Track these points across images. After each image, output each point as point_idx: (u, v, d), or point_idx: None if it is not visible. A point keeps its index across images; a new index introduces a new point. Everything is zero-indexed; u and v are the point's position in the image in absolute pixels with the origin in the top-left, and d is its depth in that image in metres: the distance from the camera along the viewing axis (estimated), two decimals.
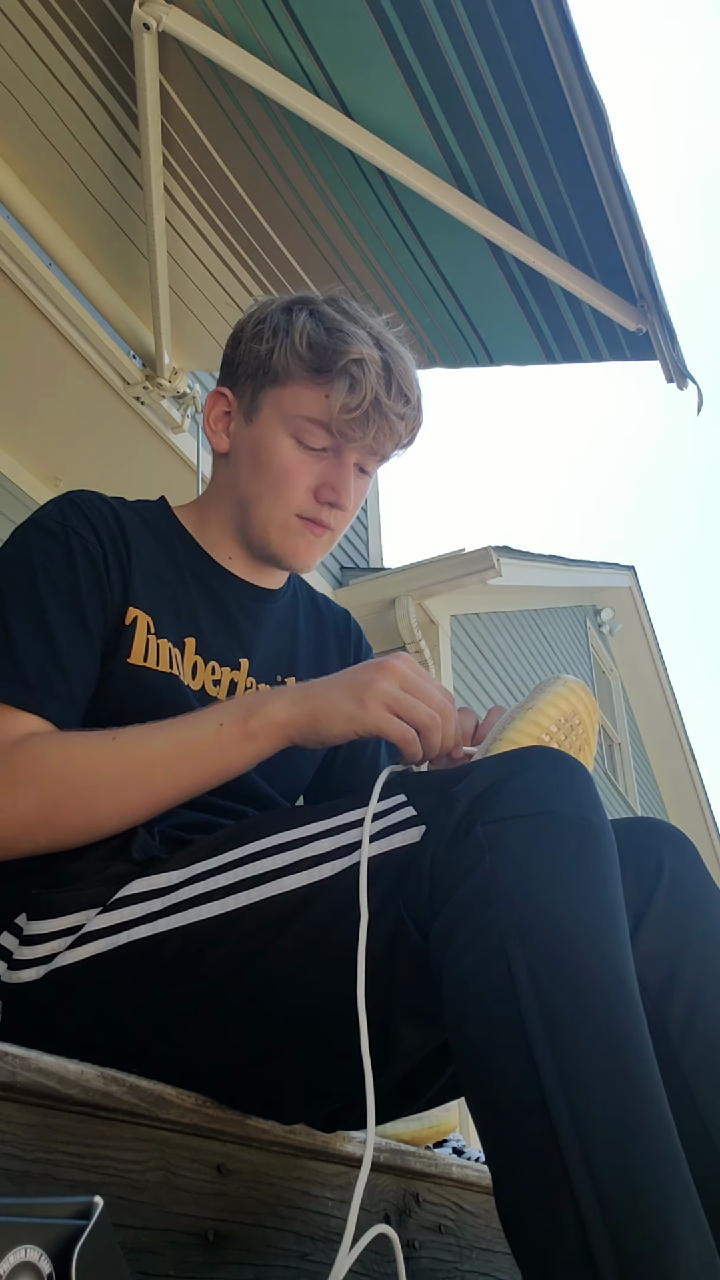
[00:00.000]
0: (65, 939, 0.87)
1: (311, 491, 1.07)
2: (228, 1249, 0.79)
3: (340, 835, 0.83)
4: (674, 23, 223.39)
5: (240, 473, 1.11)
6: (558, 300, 2.00)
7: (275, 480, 1.07)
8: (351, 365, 1.03)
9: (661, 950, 0.86)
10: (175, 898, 0.85)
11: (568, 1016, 0.66)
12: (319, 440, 1.06)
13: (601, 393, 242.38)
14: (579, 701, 1.00)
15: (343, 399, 1.03)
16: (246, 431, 1.10)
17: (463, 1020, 0.71)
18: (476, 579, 4.73)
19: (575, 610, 8.39)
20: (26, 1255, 0.44)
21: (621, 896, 0.75)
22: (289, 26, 1.68)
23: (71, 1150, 0.68)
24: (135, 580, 1.04)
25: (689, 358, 1.83)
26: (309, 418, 1.05)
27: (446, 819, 0.77)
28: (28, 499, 3.51)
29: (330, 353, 1.03)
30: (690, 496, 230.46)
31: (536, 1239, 0.63)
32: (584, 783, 0.78)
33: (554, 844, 0.73)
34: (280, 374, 1.07)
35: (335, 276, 2.17)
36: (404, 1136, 1.45)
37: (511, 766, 0.79)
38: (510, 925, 0.70)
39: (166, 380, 2.66)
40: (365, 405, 1.03)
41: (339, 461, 1.07)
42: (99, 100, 2.02)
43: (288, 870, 0.82)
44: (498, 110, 1.66)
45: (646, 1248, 0.59)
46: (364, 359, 1.03)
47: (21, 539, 1.02)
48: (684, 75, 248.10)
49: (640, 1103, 0.64)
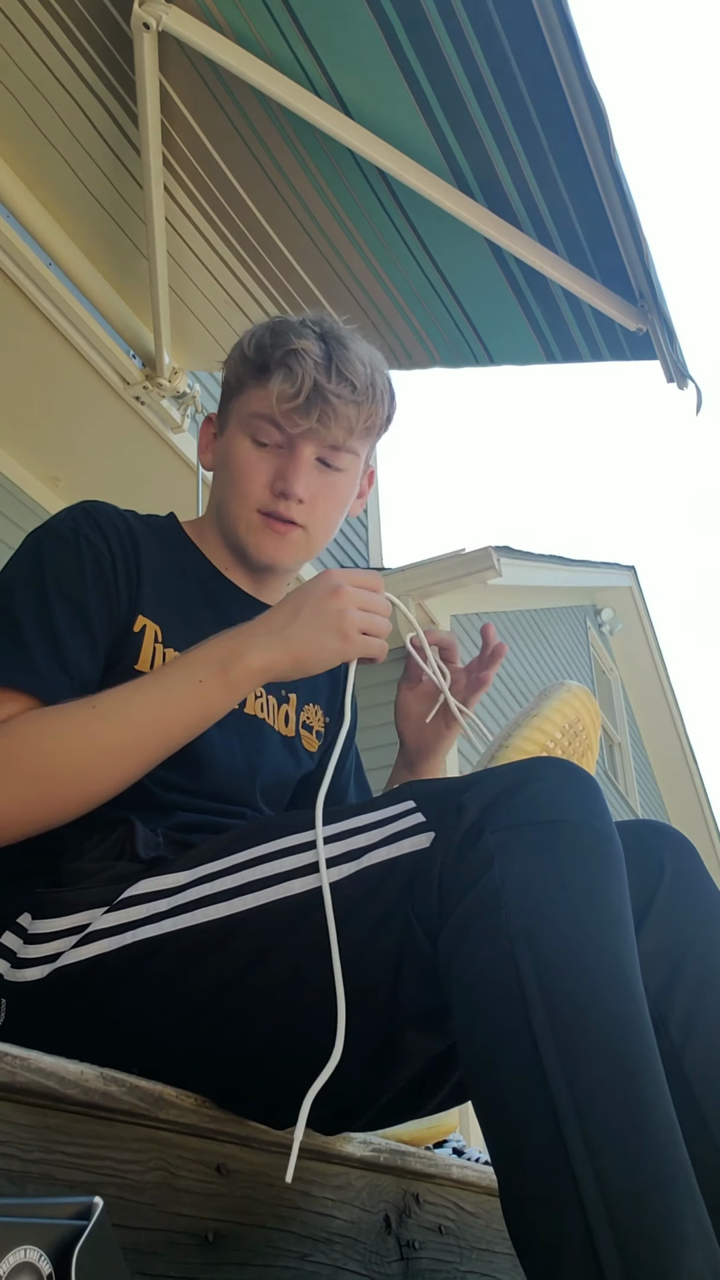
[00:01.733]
0: (71, 938, 0.87)
1: (267, 486, 1.11)
2: (227, 1249, 0.79)
3: (348, 840, 0.83)
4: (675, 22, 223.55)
5: (217, 482, 1.17)
6: (558, 300, 1.99)
7: (236, 479, 1.12)
8: (288, 357, 1.07)
9: (663, 950, 0.87)
10: (182, 898, 0.85)
11: (575, 1022, 0.66)
12: (271, 436, 1.10)
13: (601, 393, 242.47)
14: (583, 708, 1.01)
15: (279, 387, 1.07)
16: (220, 444, 1.17)
17: (470, 1025, 0.71)
18: (476, 579, 4.73)
19: (575, 610, 8.39)
20: (26, 1255, 0.44)
21: (629, 903, 0.75)
22: (289, 26, 1.68)
23: (71, 1150, 0.68)
24: (145, 589, 1.06)
25: (689, 358, 1.83)
26: (259, 414, 1.10)
27: (456, 826, 0.78)
28: (27, 499, 3.51)
29: (270, 349, 1.08)
30: (690, 496, 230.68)
31: (543, 1243, 0.63)
32: (593, 792, 0.79)
33: (563, 851, 0.74)
34: (235, 383, 1.14)
35: (335, 276, 2.17)
36: (404, 1137, 1.45)
37: (521, 775, 0.79)
38: (518, 931, 0.70)
39: (166, 380, 2.66)
40: (304, 392, 1.06)
41: (291, 453, 1.11)
42: (99, 100, 2.02)
43: (295, 874, 0.82)
44: (498, 110, 1.66)
45: (653, 1251, 0.60)
46: (300, 349, 1.07)
47: (35, 543, 1.04)
48: (684, 75, 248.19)
49: (646, 1108, 0.64)
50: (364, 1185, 1.00)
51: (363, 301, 2.21)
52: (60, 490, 3.57)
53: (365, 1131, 1.02)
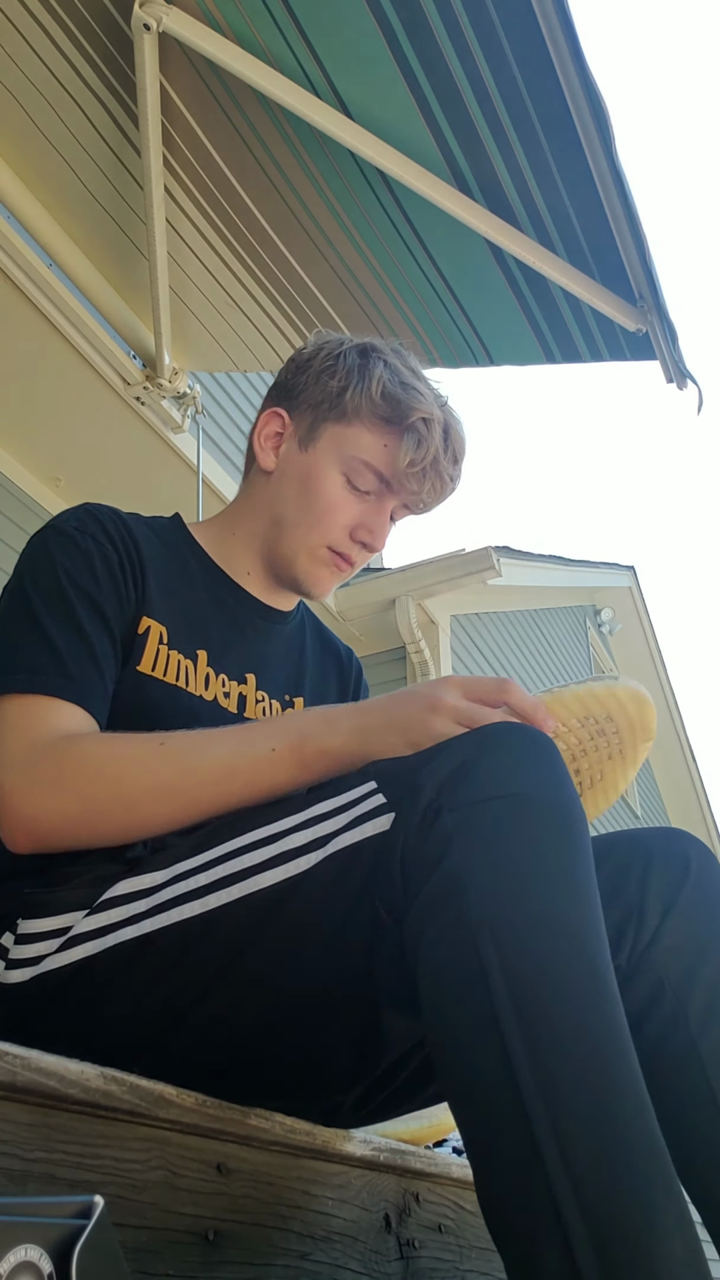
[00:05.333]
0: (54, 940, 0.87)
1: (348, 529, 1.12)
2: (228, 1249, 0.79)
3: (315, 827, 0.82)
4: (676, 21, 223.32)
5: (282, 493, 1.14)
6: (558, 300, 2.00)
7: (318, 511, 1.11)
8: (419, 422, 1.09)
9: (685, 944, 0.89)
10: (159, 898, 0.85)
11: (542, 1011, 0.65)
12: (367, 484, 1.11)
13: (601, 393, 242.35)
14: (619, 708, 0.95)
15: (410, 454, 1.08)
16: (299, 457, 1.14)
17: (437, 1016, 0.70)
18: (476, 579, 4.74)
19: (575, 610, 8.39)
20: (27, 1255, 0.44)
21: (593, 874, 0.73)
22: (289, 27, 1.68)
23: (71, 1150, 0.68)
24: (150, 591, 1.05)
25: (689, 358, 1.84)
26: (365, 461, 1.10)
27: (414, 806, 0.76)
28: (28, 499, 3.51)
29: (402, 406, 1.09)
30: (690, 496, 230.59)
31: (517, 1238, 0.62)
32: (550, 759, 0.77)
33: (523, 828, 0.72)
34: (349, 413, 1.11)
35: (335, 277, 2.17)
36: (404, 1136, 1.45)
37: (476, 748, 0.77)
38: (481, 918, 0.69)
39: (167, 380, 2.66)
40: (426, 462, 1.09)
41: (379, 507, 1.12)
42: (99, 100, 2.02)
43: (265, 866, 0.82)
44: (498, 110, 1.66)
45: (628, 1244, 0.58)
46: (431, 418, 1.09)
47: (42, 544, 1.03)
48: (685, 74, 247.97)
49: (617, 1097, 0.63)
50: (364, 1184, 1.00)
51: (363, 302, 2.21)
52: (60, 490, 3.57)
53: (368, 1124, 1.03)
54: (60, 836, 0.90)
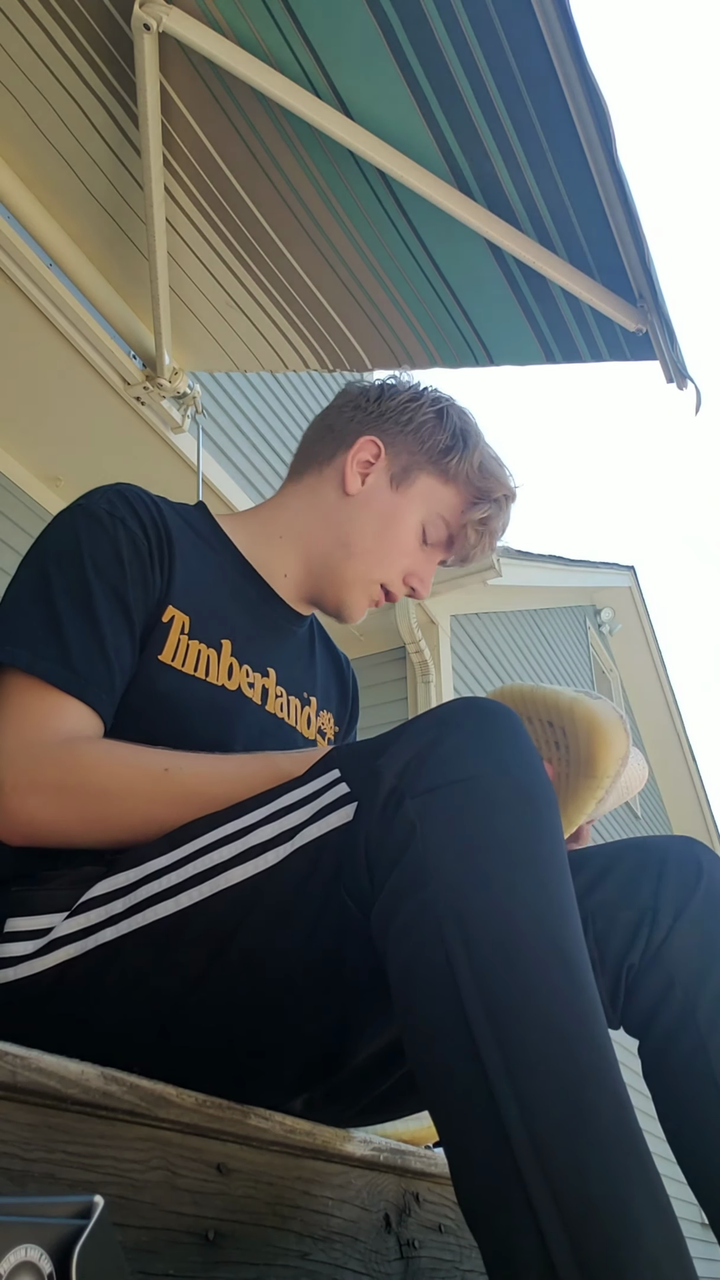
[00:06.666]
0: (37, 941, 0.87)
1: (404, 573, 1.18)
2: (228, 1249, 0.79)
3: (281, 820, 0.82)
4: (677, 20, 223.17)
5: (360, 522, 1.17)
6: (557, 300, 1.99)
7: (390, 551, 1.17)
8: (504, 501, 1.21)
9: (697, 944, 0.91)
10: (134, 898, 0.85)
11: (510, 1003, 0.64)
12: (437, 538, 1.19)
13: (602, 393, 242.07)
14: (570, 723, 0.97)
15: (489, 524, 1.19)
16: (387, 493, 1.18)
17: (406, 1012, 0.69)
18: (476, 579, 4.74)
19: (575, 610, 8.39)
20: (27, 1255, 0.44)
21: (562, 854, 0.72)
22: (289, 26, 1.68)
23: (72, 1150, 0.68)
24: (177, 578, 1.04)
25: (689, 358, 1.83)
26: (445, 519, 1.19)
27: (375, 794, 0.75)
28: (28, 499, 3.51)
29: (494, 482, 1.20)
30: (690, 496, 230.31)
31: (495, 1235, 0.62)
32: (510, 735, 0.76)
33: (485, 812, 0.71)
34: (451, 473, 1.19)
35: (335, 277, 2.17)
36: (404, 1136, 1.45)
37: (435, 731, 0.76)
38: (446, 909, 0.68)
39: (167, 380, 2.66)
40: (489, 530, 1.20)
41: (432, 557, 1.20)
42: (99, 100, 2.02)
43: (235, 861, 0.82)
44: (498, 110, 1.66)
45: (604, 1237, 0.58)
46: (511, 496, 1.22)
47: (70, 523, 1.01)
48: (685, 74, 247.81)
49: (591, 1091, 0.62)
50: (364, 1184, 1.00)
51: (363, 302, 2.21)
52: (60, 490, 3.57)
53: (368, 1123, 1.03)
54: (54, 841, 0.91)
